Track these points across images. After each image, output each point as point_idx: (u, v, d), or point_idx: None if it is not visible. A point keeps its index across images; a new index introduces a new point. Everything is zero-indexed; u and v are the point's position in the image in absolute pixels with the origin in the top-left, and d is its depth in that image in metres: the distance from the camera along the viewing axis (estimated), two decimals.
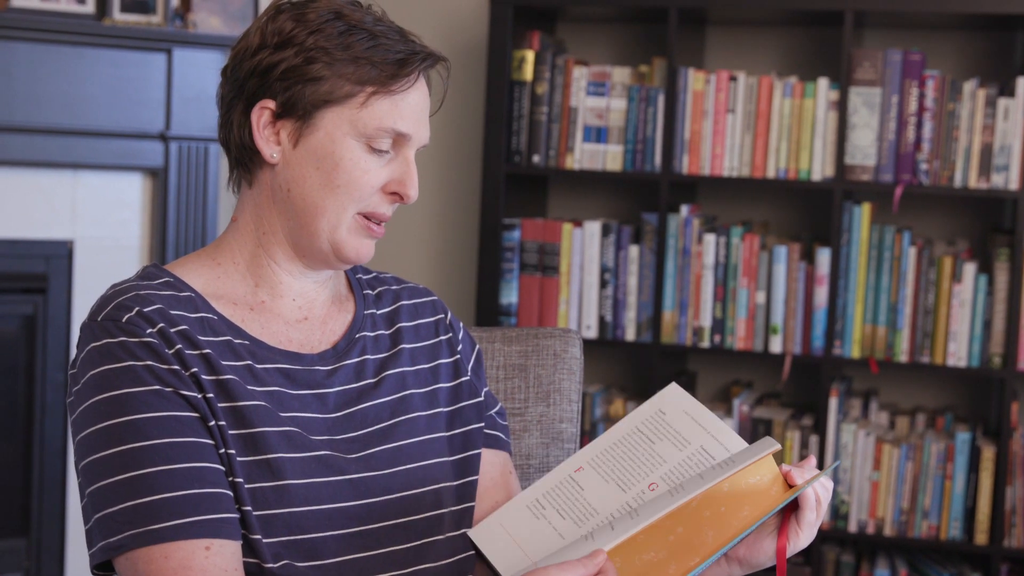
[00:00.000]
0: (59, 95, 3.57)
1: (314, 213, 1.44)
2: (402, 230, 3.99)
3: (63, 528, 3.69)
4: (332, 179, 1.42)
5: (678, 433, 1.54)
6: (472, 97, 3.89)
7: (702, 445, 1.52)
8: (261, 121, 1.44)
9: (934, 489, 3.35)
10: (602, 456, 1.50)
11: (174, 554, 1.30)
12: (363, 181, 1.43)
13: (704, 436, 1.53)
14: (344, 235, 1.44)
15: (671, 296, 3.48)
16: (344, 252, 1.45)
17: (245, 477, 1.36)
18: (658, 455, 1.50)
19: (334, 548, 1.38)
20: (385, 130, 1.42)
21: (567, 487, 1.47)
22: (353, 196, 1.43)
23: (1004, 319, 3.31)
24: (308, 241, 1.45)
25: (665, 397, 1.57)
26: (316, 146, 1.43)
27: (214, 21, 3.77)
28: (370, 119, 1.42)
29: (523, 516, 1.45)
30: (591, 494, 1.46)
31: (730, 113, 3.44)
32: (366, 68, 1.41)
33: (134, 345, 1.35)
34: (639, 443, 1.51)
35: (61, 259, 3.69)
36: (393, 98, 1.43)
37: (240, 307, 1.46)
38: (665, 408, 1.55)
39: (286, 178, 1.45)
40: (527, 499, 1.47)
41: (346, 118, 1.42)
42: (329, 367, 1.48)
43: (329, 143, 1.42)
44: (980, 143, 3.30)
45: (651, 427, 1.54)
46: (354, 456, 1.43)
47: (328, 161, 1.42)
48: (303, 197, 1.44)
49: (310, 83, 1.41)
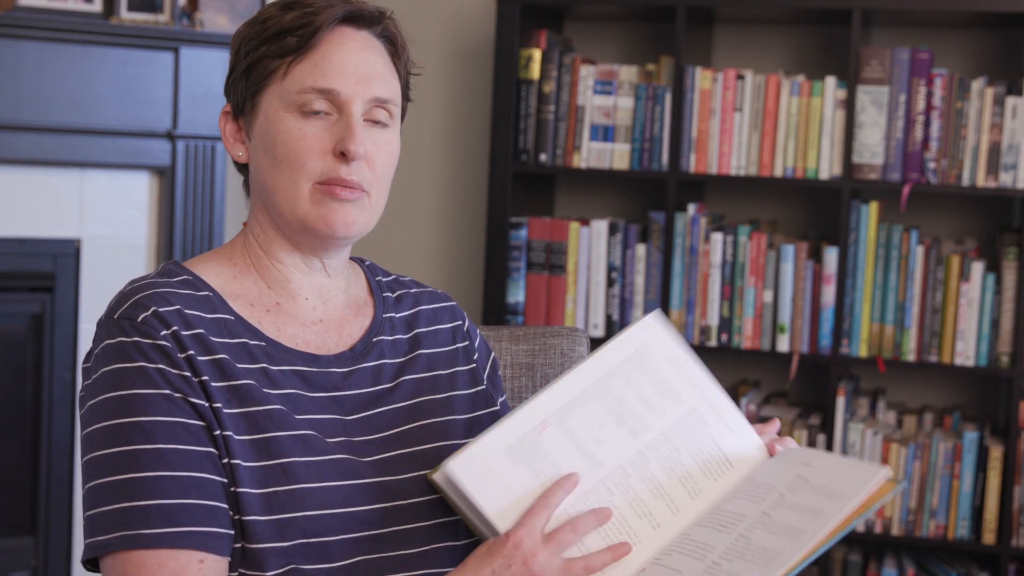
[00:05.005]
0: (66, 94, 3.57)
1: (273, 196, 1.44)
2: (409, 228, 3.99)
3: (70, 527, 3.69)
4: (275, 155, 1.42)
5: (662, 388, 1.45)
6: (479, 96, 3.89)
7: (693, 407, 1.46)
8: (226, 128, 1.48)
9: (942, 488, 3.35)
10: (569, 410, 1.41)
11: (168, 563, 1.29)
12: (300, 147, 1.41)
13: (696, 396, 1.46)
14: (307, 208, 1.42)
15: (678, 295, 3.48)
16: (312, 225, 1.42)
17: (259, 482, 1.35)
18: (639, 418, 1.43)
19: (346, 551, 1.38)
20: (306, 91, 1.41)
21: (532, 444, 1.39)
22: (295, 165, 1.41)
23: (1012, 318, 3.30)
24: (285, 225, 1.45)
25: (646, 335, 1.47)
26: (260, 131, 1.44)
27: (221, 20, 3.77)
28: (292, 85, 1.42)
29: (505, 460, 1.37)
30: (564, 467, 1.38)
31: (737, 112, 3.44)
32: (287, 39, 1.42)
33: (147, 347, 1.35)
34: (614, 397, 1.43)
35: (68, 258, 3.70)
36: (312, 58, 1.42)
37: (257, 308, 1.46)
38: (646, 351, 1.46)
39: (253, 172, 1.47)
40: (505, 441, 1.37)
41: (276, 93, 1.43)
42: (346, 369, 1.47)
43: (267, 123, 1.43)
44: (988, 142, 3.30)
45: (628, 377, 1.45)
46: (369, 459, 1.43)
47: (269, 139, 1.43)
48: (264, 183, 1.45)
49: (247, 75, 1.44)
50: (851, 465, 1.42)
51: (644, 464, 1.41)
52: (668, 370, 1.46)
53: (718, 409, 1.47)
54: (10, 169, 3.56)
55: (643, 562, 1.38)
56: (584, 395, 1.42)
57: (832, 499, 1.36)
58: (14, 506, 3.68)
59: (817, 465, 1.42)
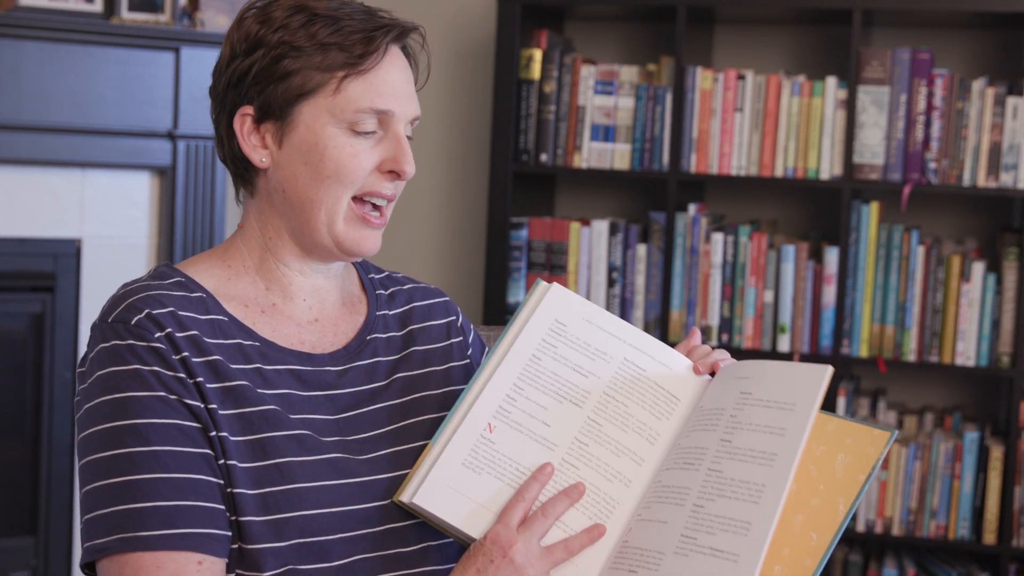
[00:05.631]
0: (67, 94, 3.58)
1: (310, 208, 1.43)
2: (410, 229, 3.99)
3: (70, 527, 3.70)
4: (321, 170, 1.41)
5: (589, 350, 1.46)
6: (480, 96, 3.89)
7: (624, 357, 1.47)
8: (244, 129, 1.44)
9: (942, 489, 3.35)
10: (509, 405, 1.42)
11: (166, 565, 1.29)
12: (352, 165, 1.41)
13: (622, 346, 1.47)
14: (342, 227, 1.43)
15: (679, 295, 3.48)
16: (345, 245, 1.44)
17: (255, 482, 1.35)
18: (577, 387, 1.44)
19: (343, 550, 1.38)
20: (363, 111, 1.41)
21: (486, 450, 1.40)
22: (344, 182, 1.42)
23: (1013, 318, 3.30)
24: (311, 238, 1.45)
25: (555, 306, 1.48)
26: (300, 142, 1.42)
27: (221, 19, 3.77)
28: (346, 103, 1.41)
29: (465, 474, 1.38)
30: (524, 460, 1.40)
31: (738, 112, 3.44)
32: (333, 53, 1.40)
33: (142, 349, 1.35)
34: (547, 377, 1.44)
35: (69, 258, 3.70)
36: (366, 77, 1.41)
37: (252, 309, 1.46)
38: (561, 322, 1.47)
39: (279, 180, 1.44)
40: (459, 456, 1.39)
41: (323, 107, 1.41)
42: (340, 367, 1.47)
43: (311, 136, 1.41)
44: (989, 142, 3.30)
45: (554, 353, 1.45)
46: (364, 458, 1.43)
47: (314, 154, 1.41)
48: (297, 195, 1.43)
49: (281, 81, 1.41)
50: (791, 370, 1.43)
51: (597, 429, 1.43)
52: (588, 331, 1.48)
53: (646, 350, 1.49)
54: (11, 169, 3.56)
55: (626, 522, 1.41)
56: (517, 385, 1.43)
57: (787, 411, 1.36)
58: (14, 506, 3.68)
59: (756, 376, 1.44)
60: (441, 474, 1.39)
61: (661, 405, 1.46)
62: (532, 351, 1.45)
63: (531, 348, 1.45)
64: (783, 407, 1.37)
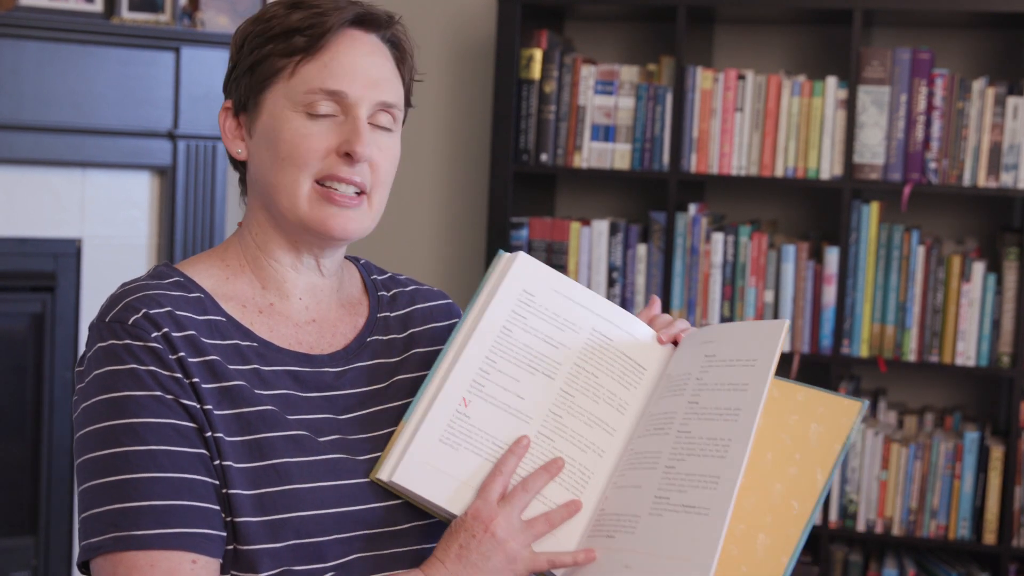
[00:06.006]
0: (67, 94, 3.58)
1: (274, 194, 1.43)
2: (410, 229, 3.99)
3: (71, 526, 3.70)
4: (278, 153, 1.42)
5: (558, 321, 1.46)
6: (480, 96, 3.89)
7: (592, 328, 1.48)
8: (226, 124, 1.47)
9: (942, 489, 3.34)
10: (482, 379, 1.42)
11: (160, 563, 1.29)
12: (304, 147, 1.41)
13: (590, 316, 1.48)
14: (306, 208, 1.42)
15: (679, 295, 3.48)
16: (311, 225, 1.43)
17: (251, 483, 1.35)
18: (548, 359, 1.44)
19: (339, 551, 1.38)
20: (314, 92, 1.41)
21: (462, 425, 1.41)
22: (298, 164, 1.41)
23: (1013, 318, 3.30)
24: (284, 226, 1.45)
25: (523, 278, 1.47)
26: (263, 129, 1.44)
27: (222, 19, 3.77)
28: (299, 84, 1.41)
29: (443, 450, 1.39)
30: (500, 434, 1.41)
31: (738, 112, 3.44)
32: (295, 38, 1.42)
33: (138, 349, 1.35)
34: (518, 349, 1.45)
35: (69, 257, 3.70)
36: (321, 59, 1.42)
37: (249, 309, 1.46)
38: (530, 293, 1.47)
39: (253, 170, 1.47)
40: (436, 432, 1.40)
41: (281, 93, 1.42)
42: (339, 369, 1.47)
43: (272, 121, 1.43)
44: (989, 142, 3.30)
45: (524, 325, 1.46)
46: (363, 458, 1.43)
47: (273, 137, 1.42)
48: (263, 181, 1.44)
49: (249, 72, 1.44)
50: (751, 328, 1.45)
51: (569, 400, 1.44)
52: (556, 302, 1.48)
53: (613, 320, 1.50)
54: (11, 169, 3.56)
55: (601, 491, 1.42)
56: (490, 358, 1.43)
57: (748, 367, 1.39)
58: (14, 506, 3.68)
59: (719, 339, 1.45)
60: (419, 451, 1.39)
61: (629, 375, 1.48)
62: (503, 323, 1.45)
63: (501, 320, 1.45)
64: (745, 364, 1.40)
